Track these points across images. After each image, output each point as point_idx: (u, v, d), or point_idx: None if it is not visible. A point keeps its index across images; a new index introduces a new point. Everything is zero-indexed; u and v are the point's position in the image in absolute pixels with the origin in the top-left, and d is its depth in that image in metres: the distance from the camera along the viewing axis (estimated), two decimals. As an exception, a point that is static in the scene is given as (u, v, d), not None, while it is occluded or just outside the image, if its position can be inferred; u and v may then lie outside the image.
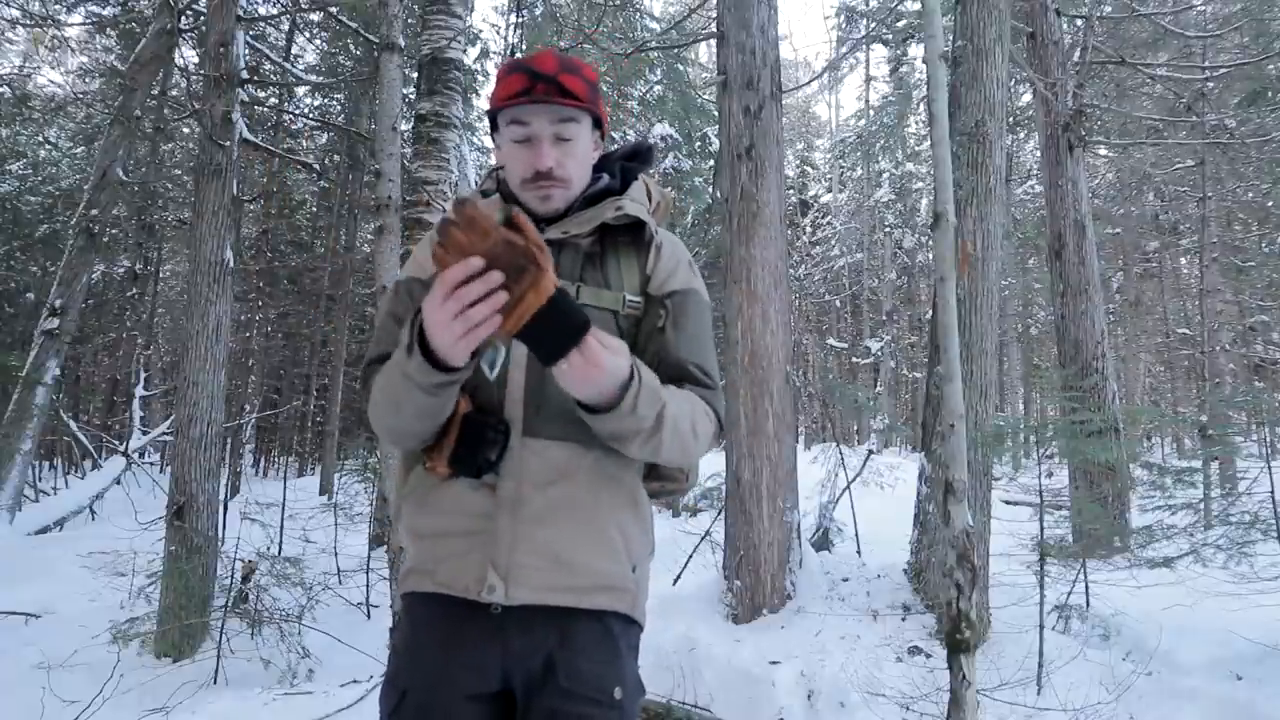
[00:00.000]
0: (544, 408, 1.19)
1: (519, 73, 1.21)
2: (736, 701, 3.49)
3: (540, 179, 1.22)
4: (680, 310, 1.28)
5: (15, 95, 12.46)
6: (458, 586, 1.18)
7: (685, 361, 1.26)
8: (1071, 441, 4.30)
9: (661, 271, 1.29)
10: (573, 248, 1.25)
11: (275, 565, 5.10)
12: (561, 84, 1.20)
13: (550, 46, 8.40)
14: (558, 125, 1.22)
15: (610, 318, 1.24)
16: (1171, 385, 21.01)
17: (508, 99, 1.21)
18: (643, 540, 1.30)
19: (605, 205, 1.28)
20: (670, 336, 1.26)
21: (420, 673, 1.18)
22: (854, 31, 20.93)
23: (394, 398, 1.13)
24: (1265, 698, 3.19)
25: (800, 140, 33.03)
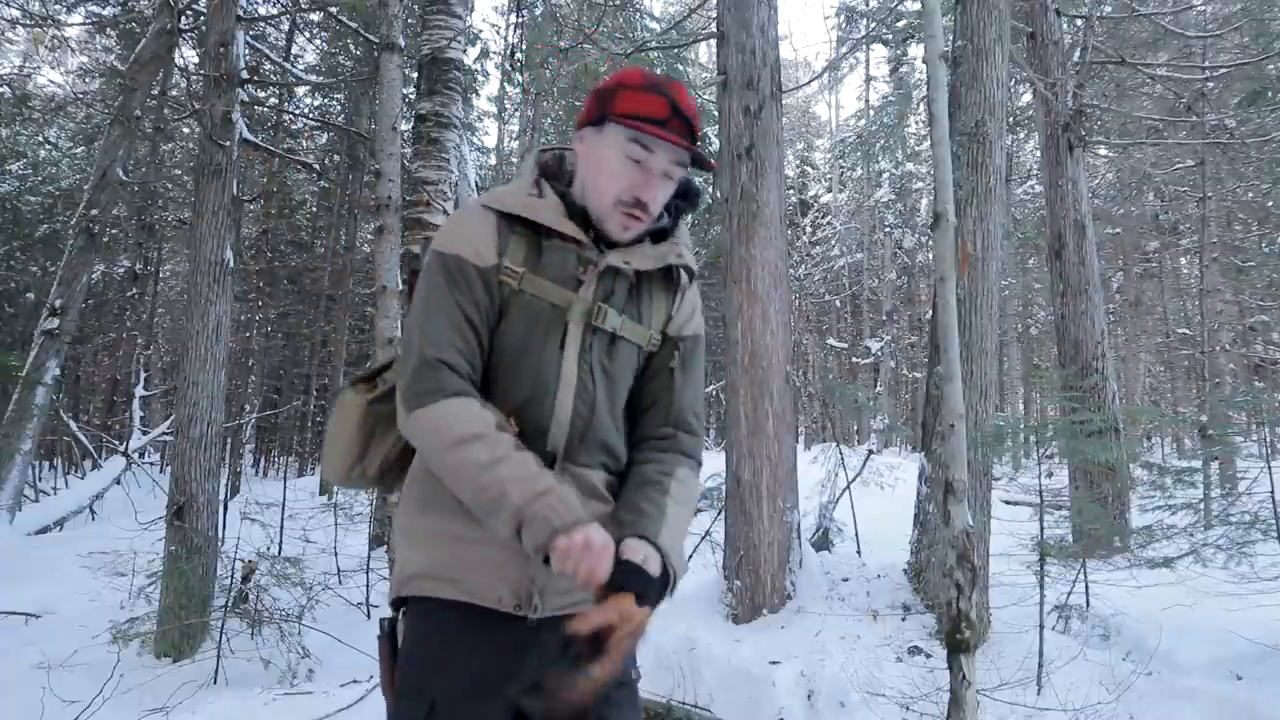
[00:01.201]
0: (587, 438, 1.23)
1: (661, 96, 1.19)
2: (736, 701, 3.49)
3: (636, 207, 1.21)
4: (690, 355, 1.33)
5: (15, 95, 12.46)
6: (488, 598, 1.17)
7: (687, 410, 1.32)
8: (1071, 441, 4.30)
9: (682, 315, 1.33)
10: (623, 276, 1.26)
11: (275, 565, 5.10)
12: (694, 128, 1.21)
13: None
14: (673, 165, 1.23)
15: (635, 351, 1.28)
16: (1171, 385, 21.01)
17: (643, 120, 1.18)
18: None
19: (666, 248, 1.29)
20: (679, 380, 1.31)
21: (453, 681, 1.16)
22: (854, 31, 20.93)
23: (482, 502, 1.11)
24: (1265, 698, 3.18)
25: (800, 140, 33.03)
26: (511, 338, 1.21)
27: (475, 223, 1.23)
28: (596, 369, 1.24)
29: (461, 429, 1.12)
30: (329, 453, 1.36)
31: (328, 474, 1.38)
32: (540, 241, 1.23)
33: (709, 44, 10.93)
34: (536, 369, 1.20)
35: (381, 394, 1.34)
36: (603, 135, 1.22)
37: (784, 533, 4.59)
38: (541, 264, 1.22)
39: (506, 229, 1.23)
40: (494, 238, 1.22)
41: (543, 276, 1.22)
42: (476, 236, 1.22)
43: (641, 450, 1.31)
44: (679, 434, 1.31)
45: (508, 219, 1.23)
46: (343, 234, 17.09)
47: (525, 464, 1.12)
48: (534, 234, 1.24)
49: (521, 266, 1.22)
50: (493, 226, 1.23)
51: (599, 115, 1.23)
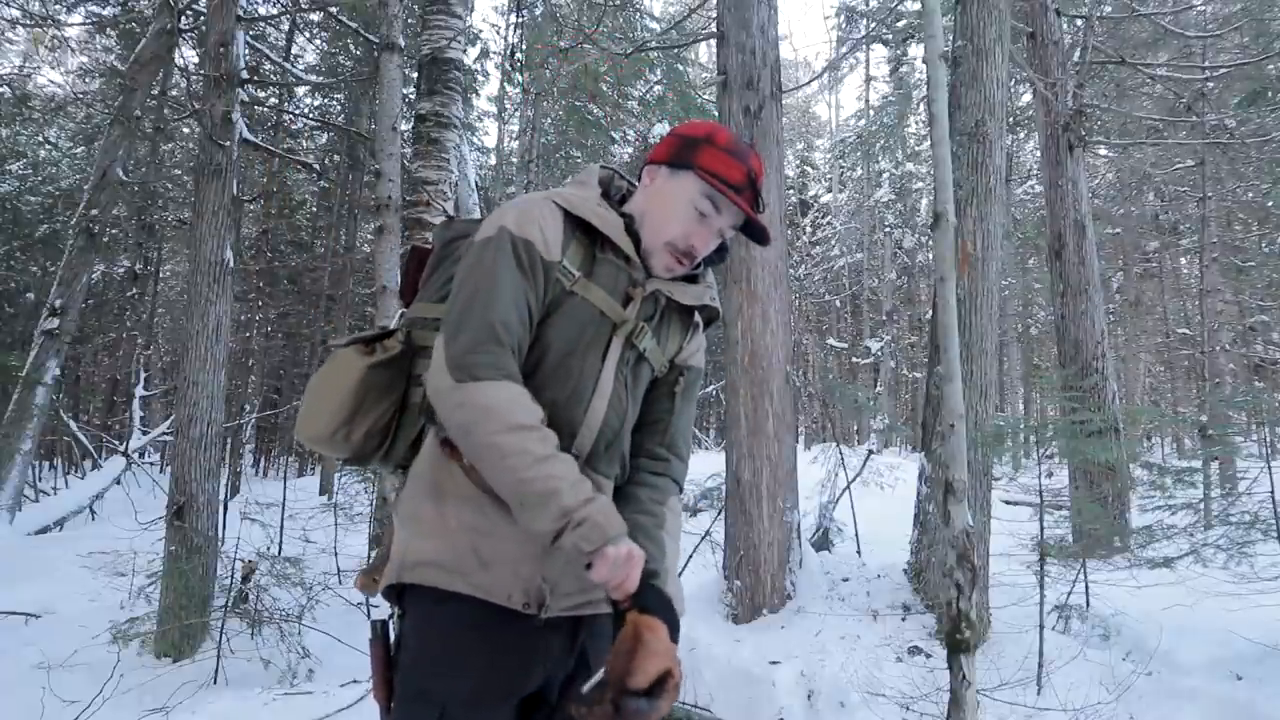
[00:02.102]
0: (612, 447, 1.27)
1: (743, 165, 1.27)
2: (736, 701, 3.49)
3: (686, 255, 1.29)
4: (691, 385, 1.40)
5: (15, 95, 12.46)
6: (499, 594, 1.16)
7: (680, 435, 1.38)
8: (1071, 441, 4.30)
9: (691, 348, 1.40)
10: (656, 303, 1.32)
11: (275, 565, 5.10)
12: (761, 201, 1.30)
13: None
14: (730, 227, 1.32)
15: (650, 374, 1.34)
16: (1171, 385, 21.00)
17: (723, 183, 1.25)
18: None
19: (702, 290, 1.37)
20: (679, 405, 1.38)
21: (461, 684, 1.15)
22: (854, 31, 20.92)
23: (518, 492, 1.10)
24: (1265, 698, 3.18)
25: (800, 140, 33.02)
26: (560, 337, 1.22)
27: (549, 216, 1.24)
28: (629, 383, 1.29)
29: (521, 416, 1.11)
30: (312, 410, 1.29)
31: (306, 430, 1.30)
32: (595, 252, 1.27)
33: (709, 44, 10.93)
34: (579, 372, 1.23)
35: (381, 361, 1.28)
36: (677, 179, 1.29)
37: (784, 533, 4.59)
38: (595, 273, 1.26)
39: (570, 230, 1.25)
40: (558, 241, 1.24)
41: (597, 284, 1.25)
42: (549, 229, 1.22)
43: (637, 470, 1.34)
44: (672, 459, 1.37)
45: (573, 221, 1.26)
46: (343, 234, 17.08)
47: (573, 467, 1.13)
48: (590, 242, 1.27)
49: (578, 270, 1.24)
50: (559, 228, 1.24)
51: (681, 161, 1.28)
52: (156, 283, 18.83)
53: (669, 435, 1.36)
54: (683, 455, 1.40)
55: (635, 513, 1.26)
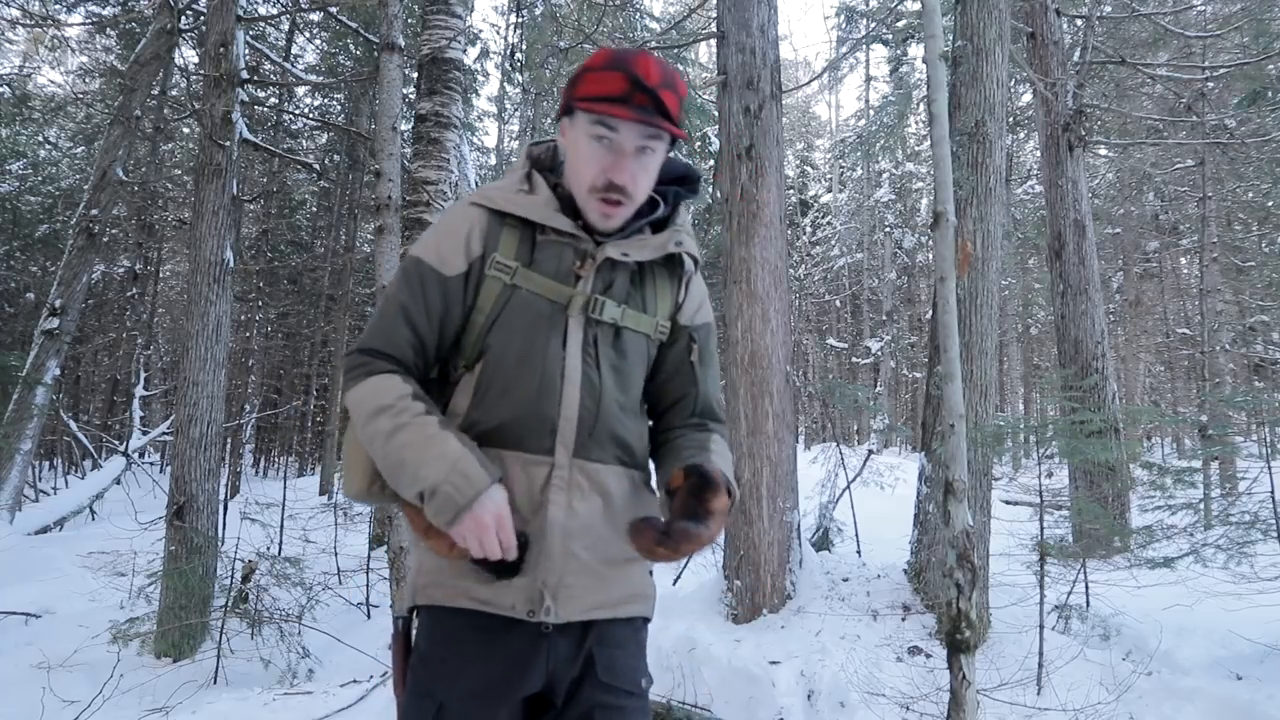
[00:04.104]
0: (596, 431, 1.21)
1: (619, 73, 1.15)
2: (736, 701, 3.49)
3: (611, 190, 1.18)
4: (705, 345, 1.34)
5: (15, 95, 12.46)
6: (502, 605, 1.17)
7: (712, 398, 1.35)
8: (1071, 441, 4.30)
9: (691, 303, 1.33)
10: (624, 266, 1.25)
11: (275, 565, 5.10)
12: (661, 100, 1.15)
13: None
14: (644, 140, 1.18)
15: (643, 341, 1.27)
16: (1171, 385, 21.00)
17: (601, 100, 1.15)
18: None
19: (665, 237, 1.27)
20: (700, 371, 1.33)
21: (463, 685, 1.17)
22: (854, 31, 20.89)
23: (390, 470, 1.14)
24: (1265, 698, 3.18)
25: (800, 140, 33.01)
26: (512, 333, 1.20)
27: (452, 226, 1.23)
28: (603, 362, 1.22)
29: (376, 401, 1.15)
30: (346, 470, 1.33)
31: (347, 491, 1.35)
32: (534, 236, 1.22)
33: (709, 44, 10.93)
34: (541, 365, 1.19)
35: None
36: (573, 124, 1.21)
37: (784, 533, 4.59)
38: (536, 259, 1.21)
39: (497, 224, 1.22)
40: (480, 238, 1.21)
41: (538, 272, 1.21)
42: (446, 243, 1.22)
43: (673, 432, 1.34)
44: (708, 421, 1.35)
45: (498, 215, 1.23)
46: (343, 234, 17.07)
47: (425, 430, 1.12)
48: (527, 228, 1.23)
49: (514, 261, 1.21)
50: (479, 227, 1.22)
51: (569, 103, 1.21)
52: (156, 283, 18.82)
53: (699, 406, 1.34)
54: (719, 417, 1.36)
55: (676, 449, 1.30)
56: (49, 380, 8.14)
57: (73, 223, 8.97)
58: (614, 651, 1.22)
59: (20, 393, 8.00)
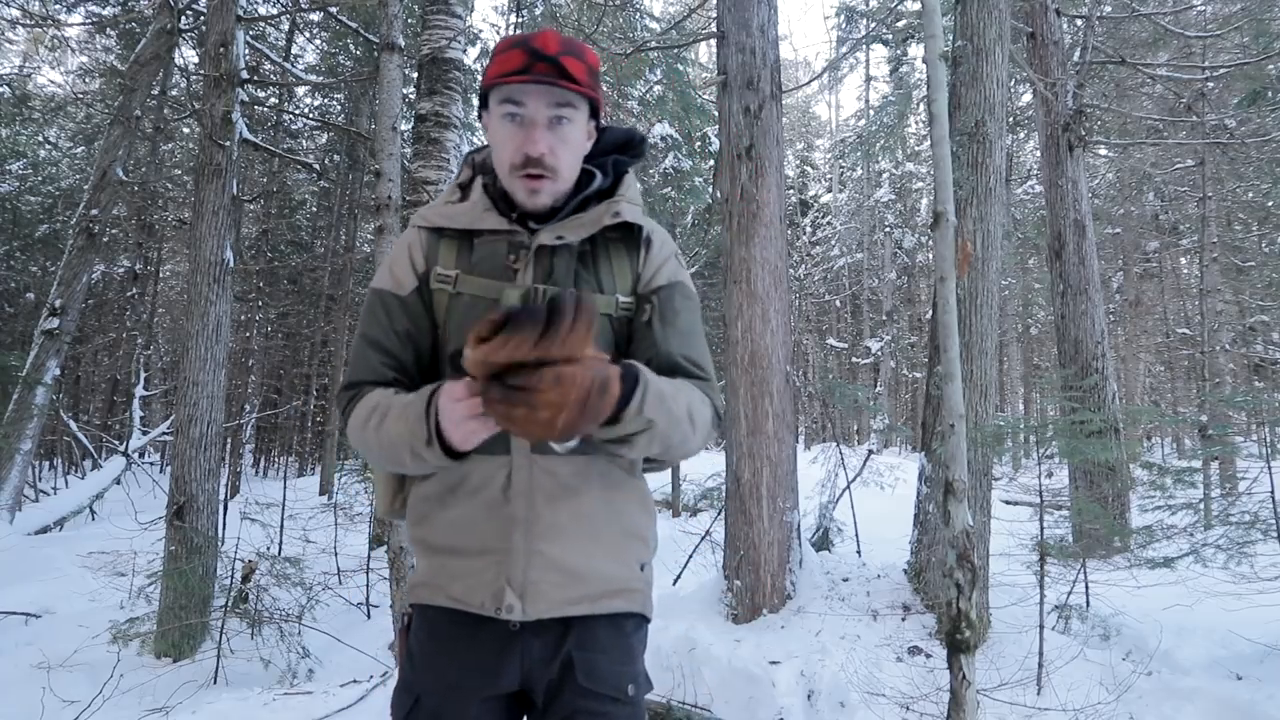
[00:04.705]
0: None
1: (518, 49, 1.15)
2: (736, 701, 3.49)
3: (530, 165, 1.16)
4: (667, 304, 1.25)
5: (15, 95, 12.46)
6: (473, 603, 1.18)
7: (676, 354, 1.23)
8: (1071, 441, 4.30)
9: (650, 268, 1.26)
10: (566, 249, 1.21)
11: (275, 565, 5.10)
12: (563, 65, 1.14)
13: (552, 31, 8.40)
14: (554, 109, 1.16)
15: (604, 322, 1.22)
16: (1171, 385, 21.00)
17: (503, 76, 1.14)
18: (650, 536, 1.31)
19: (601, 209, 1.23)
20: (658, 331, 1.23)
21: (437, 679, 1.20)
22: (854, 31, 20.91)
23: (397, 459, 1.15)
24: (1265, 698, 3.18)
25: (800, 140, 33.03)
26: (456, 341, 1.20)
27: (399, 251, 1.27)
28: None
29: (361, 416, 1.18)
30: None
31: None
32: (472, 242, 1.23)
33: (709, 44, 10.93)
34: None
35: None
36: (489, 113, 1.21)
37: (784, 533, 4.59)
38: (474, 263, 1.22)
39: (435, 240, 1.25)
40: (420, 255, 1.25)
41: (476, 275, 1.21)
42: (396, 265, 1.26)
43: None
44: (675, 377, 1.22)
45: (436, 230, 1.25)
46: (343, 234, 17.07)
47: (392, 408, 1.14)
48: (465, 236, 1.24)
49: (454, 270, 1.22)
50: (418, 245, 1.25)
51: (482, 96, 1.22)
52: (156, 283, 18.82)
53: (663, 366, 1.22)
54: (688, 372, 1.24)
55: None
56: (49, 380, 8.14)
57: (73, 223, 8.97)
58: (595, 656, 1.19)
59: (20, 393, 8.00)
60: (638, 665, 1.25)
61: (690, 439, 1.18)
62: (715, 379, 1.28)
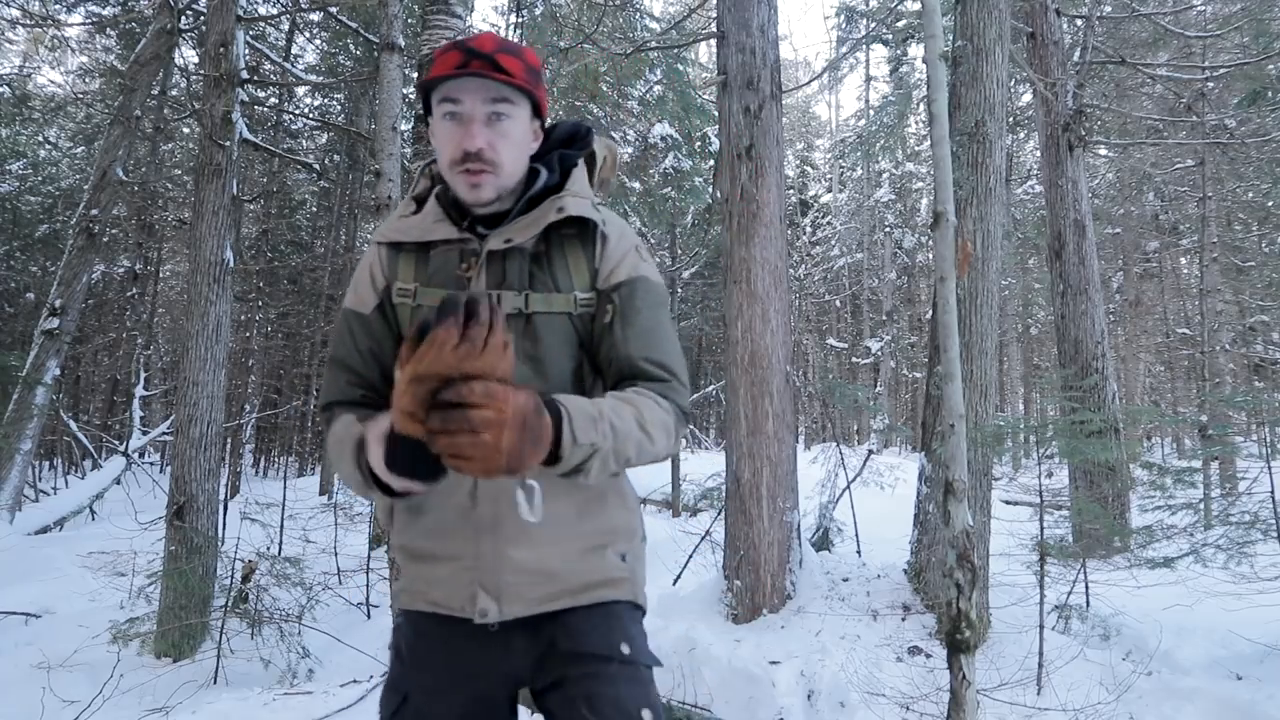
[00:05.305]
0: None
1: (455, 50, 1.16)
2: (736, 701, 3.49)
3: (469, 160, 1.16)
4: (628, 302, 1.22)
5: (15, 95, 12.46)
6: (453, 606, 1.20)
7: (636, 358, 1.20)
8: (1071, 441, 4.30)
9: (608, 262, 1.23)
10: (517, 252, 1.20)
11: (275, 565, 5.10)
12: (497, 62, 1.15)
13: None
14: (491, 105, 1.16)
15: (565, 320, 1.21)
16: (1171, 385, 21.00)
17: (439, 75, 1.15)
18: (631, 527, 1.30)
19: (547, 206, 1.22)
20: (619, 333, 1.20)
21: (424, 678, 1.22)
22: (854, 31, 20.90)
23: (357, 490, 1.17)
24: (1265, 698, 3.18)
25: (800, 140, 33.02)
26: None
27: (361, 269, 1.28)
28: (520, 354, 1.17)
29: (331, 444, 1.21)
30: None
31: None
32: (429, 254, 1.24)
33: (709, 44, 10.93)
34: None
35: None
36: (433, 118, 1.21)
37: (784, 533, 4.59)
38: (430, 275, 1.23)
39: (394, 255, 1.26)
40: (380, 271, 1.26)
41: (433, 285, 1.22)
42: (359, 284, 1.28)
43: None
44: (636, 381, 1.19)
45: (394, 245, 1.26)
46: (343, 234, 17.07)
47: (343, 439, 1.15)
48: (422, 249, 1.24)
49: (413, 283, 1.23)
50: (378, 262, 1.27)
51: (425, 103, 1.22)
52: (156, 283, 18.81)
53: (622, 368, 1.20)
54: (649, 374, 1.19)
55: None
56: (49, 380, 8.15)
57: (73, 223, 8.97)
58: (576, 625, 1.18)
59: (20, 393, 8.00)
60: (631, 630, 1.22)
61: (649, 446, 1.14)
62: (683, 375, 1.24)
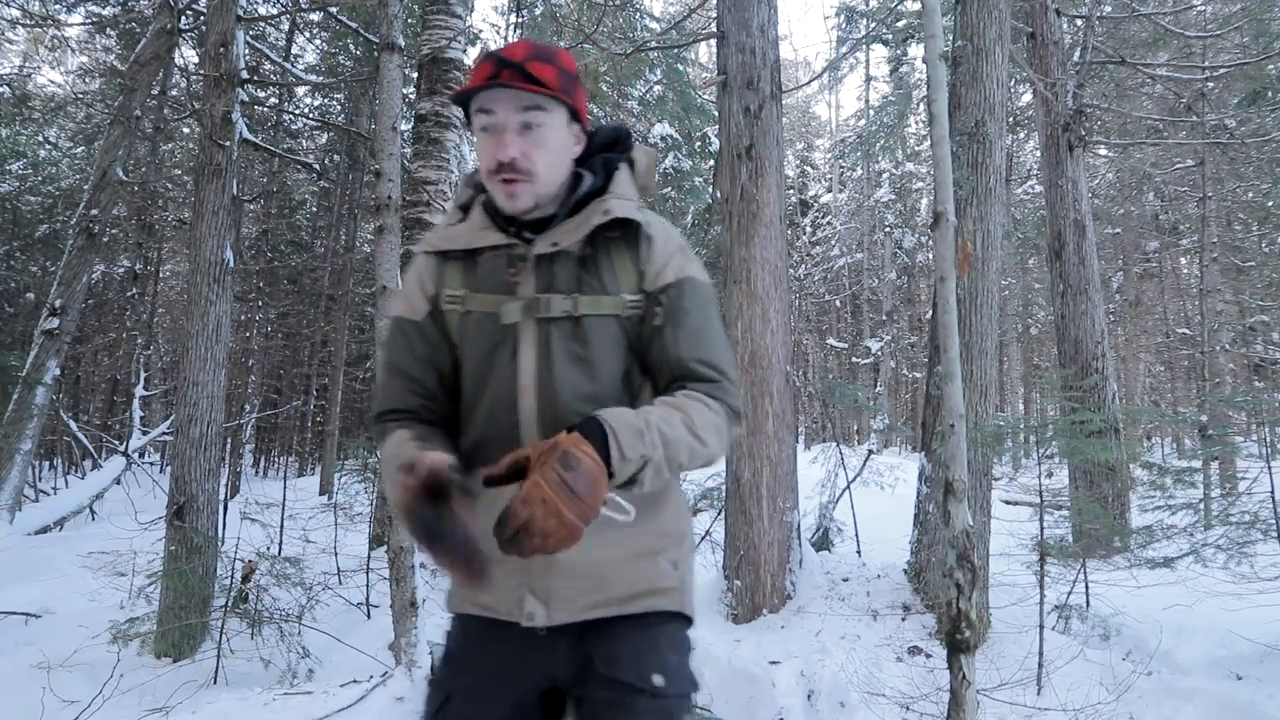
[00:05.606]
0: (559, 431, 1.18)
1: (488, 61, 1.17)
2: (736, 701, 3.49)
3: (504, 170, 1.17)
4: (676, 304, 1.22)
5: (15, 95, 12.46)
6: (500, 610, 1.22)
7: (685, 359, 1.20)
8: (1071, 441, 4.30)
9: (655, 264, 1.23)
10: (564, 255, 1.21)
11: (275, 565, 5.09)
12: (528, 71, 1.15)
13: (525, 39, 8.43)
14: (524, 114, 1.17)
15: (614, 323, 1.22)
16: (1171, 385, 21.00)
17: (473, 87, 1.17)
18: (680, 529, 1.31)
19: (592, 209, 1.22)
20: (668, 335, 1.21)
21: (467, 680, 1.24)
22: (854, 31, 20.90)
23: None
24: (1265, 698, 3.18)
25: (800, 140, 33.01)
26: (470, 358, 1.25)
27: (410, 277, 1.31)
28: (560, 359, 1.19)
29: (386, 457, 1.23)
30: None
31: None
32: (476, 260, 1.26)
33: (709, 44, 10.92)
34: (497, 380, 1.21)
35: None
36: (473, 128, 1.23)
37: (784, 533, 4.59)
38: (478, 281, 1.25)
39: (441, 263, 1.28)
40: (430, 279, 1.29)
41: (481, 292, 1.24)
42: (409, 293, 1.30)
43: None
44: (685, 383, 1.20)
45: (440, 254, 1.29)
46: (343, 234, 17.06)
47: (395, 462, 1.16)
48: (470, 256, 1.26)
49: (461, 289, 1.25)
50: (426, 270, 1.29)
51: (466, 115, 1.24)
52: (156, 283, 18.81)
53: (672, 369, 1.21)
54: (699, 375, 1.20)
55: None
56: (49, 380, 8.14)
57: (73, 223, 8.97)
58: (615, 645, 1.19)
59: (20, 393, 8.00)
60: (666, 656, 1.22)
61: (701, 450, 1.15)
62: (733, 374, 1.25)
